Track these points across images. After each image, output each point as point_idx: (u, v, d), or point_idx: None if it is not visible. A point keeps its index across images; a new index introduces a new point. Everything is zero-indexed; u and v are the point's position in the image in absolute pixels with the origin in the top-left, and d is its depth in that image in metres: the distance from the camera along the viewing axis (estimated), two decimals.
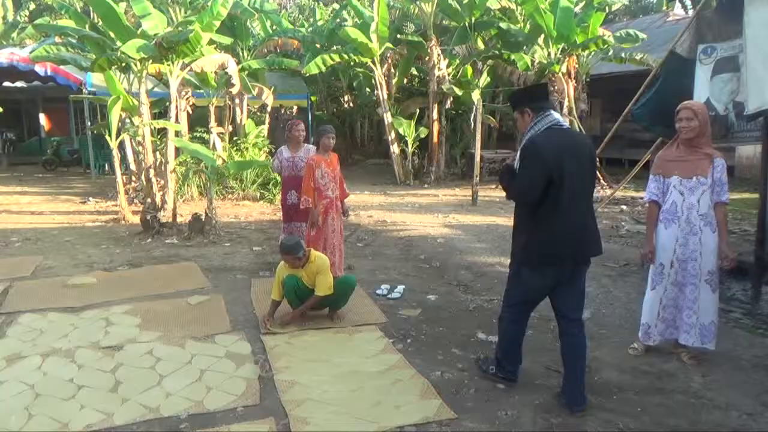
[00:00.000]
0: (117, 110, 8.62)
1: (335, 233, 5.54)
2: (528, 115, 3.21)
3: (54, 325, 4.52)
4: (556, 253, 3.16)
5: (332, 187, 5.51)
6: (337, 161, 5.66)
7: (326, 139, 5.47)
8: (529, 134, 3.17)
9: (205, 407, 3.20)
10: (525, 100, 3.27)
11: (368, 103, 19.49)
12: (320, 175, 5.43)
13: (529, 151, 3.10)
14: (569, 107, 13.52)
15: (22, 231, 8.50)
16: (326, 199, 5.46)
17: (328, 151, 5.53)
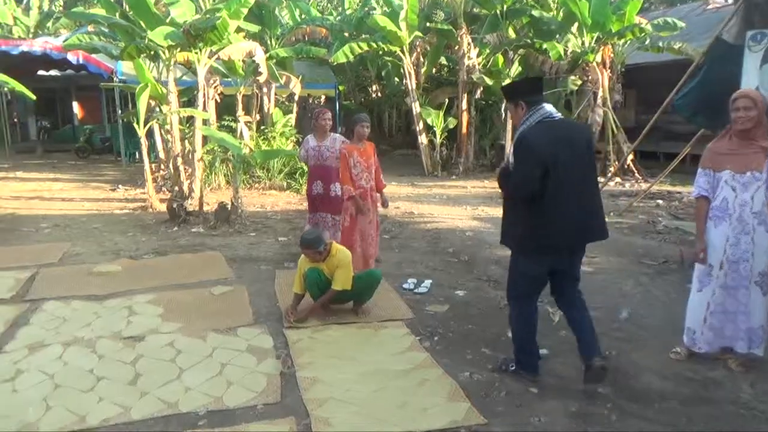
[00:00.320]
0: (145, 98, 8.60)
1: (371, 224, 5.44)
2: (522, 108, 3.22)
3: (77, 313, 4.49)
4: (553, 243, 3.20)
5: (365, 177, 5.39)
6: (373, 151, 5.54)
7: (360, 128, 5.36)
8: (521, 129, 3.18)
9: (224, 403, 3.10)
10: (519, 92, 3.28)
11: (396, 93, 19.25)
12: (353, 164, 5.33)
13: (521, 146, 3.12)
14: (603, 98, 13.10)
15: (53, 217, 8.58)
16: (359, 189, 5.34)
17: (362, 140, 5.42)
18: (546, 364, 3.58)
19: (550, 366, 3.57)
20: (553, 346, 3.84)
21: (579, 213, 3.18)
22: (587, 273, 5.57)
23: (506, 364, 3.51)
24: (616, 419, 2.99)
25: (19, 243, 7.02)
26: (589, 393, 3.25)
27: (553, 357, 3.69)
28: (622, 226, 7.82)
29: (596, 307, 4.63)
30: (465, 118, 14.20)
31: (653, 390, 3.31)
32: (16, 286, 5.18)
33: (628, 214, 8.66)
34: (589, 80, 13.24)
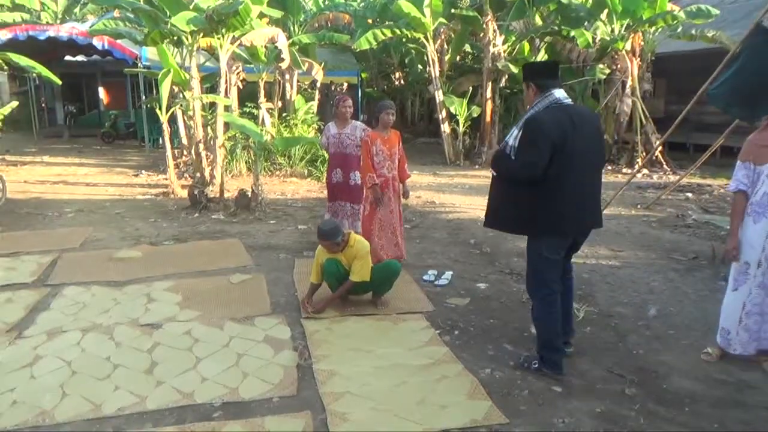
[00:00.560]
0: (168, 83, 8.59)
1: (393, 214, 5.32)
2: (532, 90, 3.24)
3: (96, 299, 4.49)
4: (571, 226, 3.26)
5: (388, 166, 5.27)
6: (398, 139, 5.42)
7: (385, 115, 5.23)
8: (531, 111, 3.19)
9: (239, 395, 3.05)
10: (533, 74, 3.30)
11: (419, 81, 19.04)
12: (375, 152, 5.22)
13: (532, 126, 3.12)
14: (632, 87, 12.76)
15: (76, 202, 8.66)
16: (381, 178, 5.23)
17: (387, 127, 5.29)
18: (570, 362, 3.46)
19: (574, 364, 3.45)
20: (577, 344, 3.71)
21: (589, 197, 3.29)
22: (613, 267, 5.42)
23: (529, 362, 3.41)
24: (644, 422, 2.86)
25: (42, 227, 7.08)
26: (615, 394, 3.12)
27: (578, 355, 3.57)
28: (650, 220, 7.60)
29: (623, 302, 4.50)
30: (489, 107, 13.97)
31: (683, 392, 3.17)
32: (38, 271, 5.22)
33: (656, 206, 8.42)
34: (618, 69, 12.89)
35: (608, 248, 6.10)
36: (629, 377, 3.29)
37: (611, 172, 12.37)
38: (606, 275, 5.18)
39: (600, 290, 4.78)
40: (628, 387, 3.18)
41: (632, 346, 3.73)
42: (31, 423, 2.79)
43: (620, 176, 11.83)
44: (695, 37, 12.88)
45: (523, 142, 3.14)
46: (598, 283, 4.97)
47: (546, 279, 3.29)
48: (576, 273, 5.20)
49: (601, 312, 4.29)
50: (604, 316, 4.22)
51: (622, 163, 13.08)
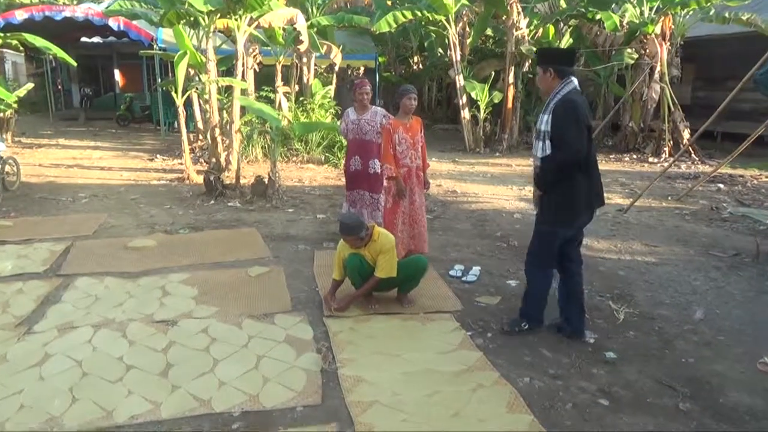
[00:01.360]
0: (184, 66, 8.35)
1: (414, 206, 5.03)
2: (550, 75, 3.36)
3: (109, 291, 4.30)
4: (587, 209, 3.46)
5: (411, 155, 4.98)
6: (421, 126, 5.10)
7: (407, 100, 4.91)
8: (561, 95, 3.30)
9: (260, 403, 2.83)
10: (553, 59, 3.41)
11: (438, 65, 18.63)
12: (397, 141, 4.92)
13: (570, 108, 3.25)
14: (661, 72, 12.29)
15: (91, 186, 8.51)
16: (404, 168, 4.95)
17: (409, 113, 4.98)
18: (615, 371, 3.21)
19: (619, 373, 3.19)
20: (620, 350, 3.46)
21: (598, 179, 3.50)
22: (651, 264, 5.13)
23: (518, 325, 3.65)
24: None
25: (56, 212, 6.93)
26: (668, 408, 2.86)
27: (623, 363, 3.31)
28: (683, 212, 7.26)
29: (665, 303, 4.22)
30: (511, 92, 13.59)
31: (742, 407, 2.90)
32: (50, 259, 5.05)
33: (687, 198, 8.07)
34: (647, 54, 12.44)
35: (642, 243, 5.79)
36: (681, 389, 3.03)
37: (637, 161, 11.99)
38: (643, 273, 4.89)
39: (639, 289, 4.50)
40: (681, 401, 2.92)
41: (680, 353, 3.46)
42: (37, 430, 2.60)
43: (646, 165, 11.46)
44: (728, 20, 12.34)
45: (562, 125, 3.25)
46: (636, 281, 4.68)
47: (551, 255, 3.54)
48: (611, 269, 4.98)
49: (642, 314, 4.02)
50: (646, 318, 3.94)
51: (648, 152, 12.66)
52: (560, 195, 3.38)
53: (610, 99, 14.87)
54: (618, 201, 7.94)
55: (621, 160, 12.12)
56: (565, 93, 3.30)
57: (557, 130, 3.26)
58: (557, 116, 3.26)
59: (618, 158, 12.27)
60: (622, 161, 11.99)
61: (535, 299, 3.67)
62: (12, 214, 6.76)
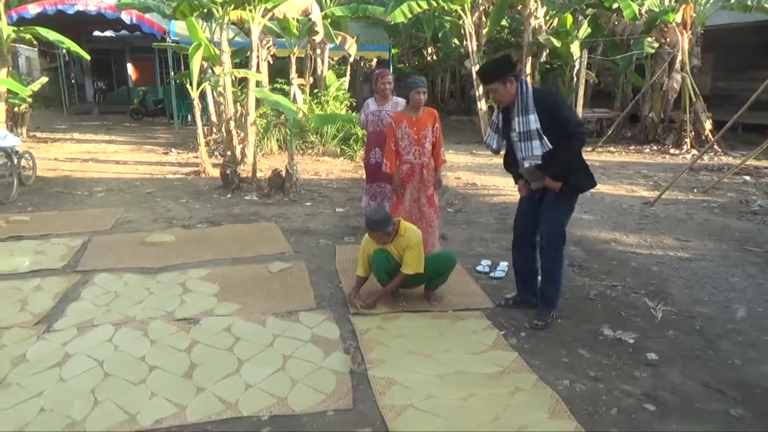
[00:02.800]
0: (198, 58, 8.23)
1: (418, 203, 4.76)
2: (512, 83, 3.41)
3: (129, 288, 4.20)
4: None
5: (415, 151, 4.68)
6: (434, 120, 4.76)
7: (415, 95, 4.60)
8: (528, 93, 3.39)
9: (289, 407, 2.71)
10: (507, 69, 3.47)
11: (452, 56, 18.40)
12: (400, 135, 4.68)
13: (558, 97, 3.60)
14: (682, 62, 11.99)
15: (106, 181, 8.44)
16: (406, 165, 4.70)
17: (417, 108, 4.68)
18: (659, 373, 3.05)
19: (663, 375, 3.04)
20: (662, 350, 3.30)
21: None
22: (684, 259, 4.95)
23: (544, 318, 3.61)
24: None
25: (73, 207, 6.86)
26: (718, 414, 2.70)
27: (666, 364, 3.15)
28: (711, 205, 7.05)
29: (703, 301, 4.05)
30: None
31: None
32: (67, 255, 4.96)
33: (714, 191, 7.84)
34: (667, 42, 12.13)
35: (673, 237, 5.61)
36: (730, 394, 2.87)
37: (657, 152, 11.73)
38: (678, 269, 4.71)
39: (675, 286, 4.32)
40: (732, 406, 2.76)
41: (725, 354, 3.29)
42: None
43: (668, 157, 11.21)
44: (750, 8, 11.99)
45: (559, 111, 3.40)
46: (671, 277, 4.51)
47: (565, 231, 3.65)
48: (643, 265, 4.81)
49: (681, 312, 3.85)
50: (686, 317, 3.77)
51: (669, 143, 12.38)
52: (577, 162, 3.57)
53: (628, 89, 14.59)
54: (643, 193, 7.74)
55: (641, 151, 11.87)
56: (530, 90, 3.41)
57: (558, 117, 3.38)
58: (549, 107, 3.39)
59: (638, 150, 12.01)
60: (643, 153, 11.73)
61: (559, 283, 3.69)
62: (29, 208, 6.70)
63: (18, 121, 12.64)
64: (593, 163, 10.29)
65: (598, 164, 10.24)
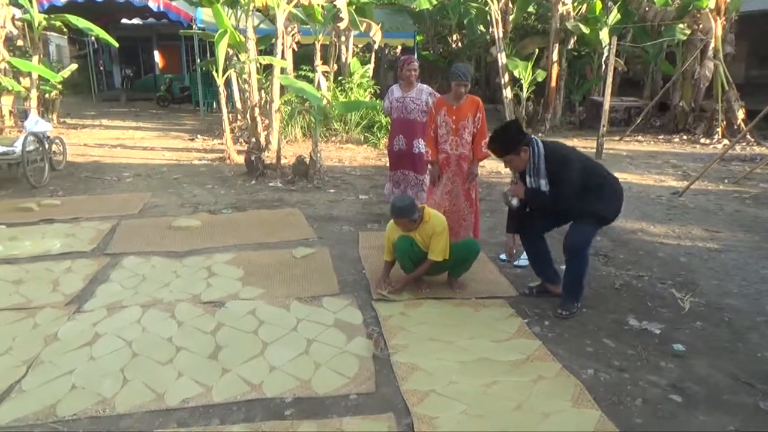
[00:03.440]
0: (224, 45, 8.29)
1: (451, 195, 4.65)
2: (525, 151, 3.43)
3: (156, 271, 4.28)
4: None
5: (452, 141, 4.58)
6: (476, 110, 4.56)
7: (456, 87, 4.45)
8: (541, 156, 3.41)
9: (312, 390, 2.74)
10: (520, 138, 3.43)
11: (477, 43, 18.16)
12: (438, 123, 4.62)
13: (567, 159, 3.45)
14: (715, 49, 11.65)
15: (134, 166, 8.58)
16: (442, 154, 4.61)
17: (459, 99, 4.53)
18: (686, 365, 3.01)
19: (690, 367, 2.99)
20: (689, 342, 3.25)
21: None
22: (713, 250, 4.85)
23: (569, 308, 3.58)
24: None
25: (102, 192, 6.99)
26: (747, 407, 2.65)
27: (693, 356, 3.10)
28: (742, 196, 6.88)
29: (733, 293, 3.97)
30: (555, 71, 13.13)
31: None
32: (97, 238, 5.07)
33: (745, 181, 7.65)
34: (700, 29, 11.80)
35: (702, 228, 5.49)
36: (760, 387, 2.81)
37: (687, 142, 11.47)
38: (706, 260, 4.62)
39: (703, 277, 4.24)
40: (762, 399, 2.71)
41: (754, 347, 3.23)
42: (90, 412, 2.57)
43: (698, 147, 10.95)
44: None
45: (565, 177, 3.41)
46: (700, 268, 4.42)
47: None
48: (671, 255, 4.72)
49: (709, 303, 3.78)
50: (714, 308, 3.70)
51: (699, 133, 12.08)
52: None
53: (658, 77, 14.25)
54: (671, 183, 7.59)
55: (670, 141, 11.62)
56: (542, 152, 3.41)
57: (562, 178, 3.41)
58: (559, 170, 3.40)
59: (667, 139, 11.76)
60: (672, 142, 11.48)
61: (584, 279, 3.65)
62: (59, 192, 6.85)
63: (49, 107, 12.90)
64: (620, 152, 10.20)
65: (626, 153, 10.07)
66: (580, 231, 3.55)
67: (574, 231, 3.59)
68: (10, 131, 10.77)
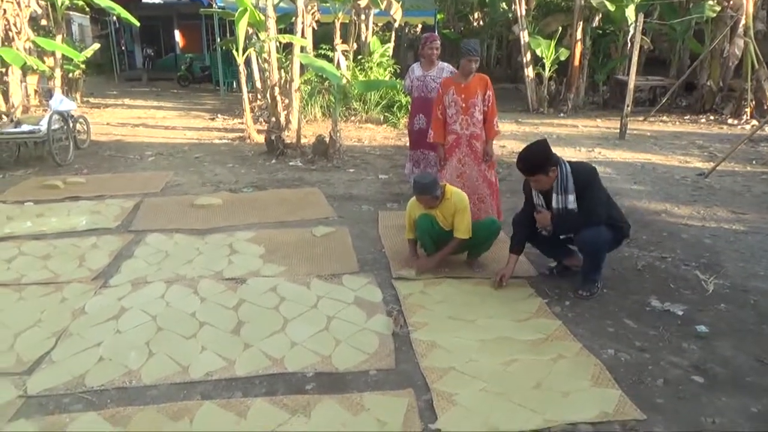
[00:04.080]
0: (244, 24, 8.28)
1: (463, 178, 4.57)
2: (553, 172, 3.39)
3: (179, 248, 4.35)
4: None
5: (462, 121, 4.51)
6: (485, 87, 4.53)
7: (466, 63, 4.40)
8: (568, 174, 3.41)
9: (333, 365, 2.78)
10: (549, 158, 3.38)
11: (499, 22, 17.90)
12: (447, 103, 4.54)
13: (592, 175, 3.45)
14: (745, 26, 11.30)
15: (156, 145, 8.67)
16: (452, 135, 4.55)
17: (468, 75, 4.48)
18: (709, 347, 2.98)
19: (713, 349, 2.96)
20: (713, 323, 3.21)
21: None
22: (739, 232, 4.77)
23: (590, 289, 3.55)
24: None
25: (125, 170, 7.09)
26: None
27: (717, 338, 3.07)
28: None
29: (759, 275, 3.91)
30: (578, 49, 12.89)
31: None
32: (121, 215, 5.16)
33: None
34: (730, 6, 11.45)
35: (728, 210, 5.39)
36: None
37: (714, 122, 11.21)
38: (732, 242, 4.54)
39: (729, 259, 4.17)
40: None
41: None
42: (117, 383, 2.64)
43: (725, 127, 10.69)
44: None
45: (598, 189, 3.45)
46: (725, 250, 4.35)
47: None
48: (695, 237, 4.65)
49: (734, 286, 3.72)
50: (739, 290, 3.65)
51: (727, 113, 11.79)
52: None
53: (685, 56, 13.90)
54: (697, 165, 7.44)
55: (696, 121, 11.36)
56: (569, 170, 3.41)
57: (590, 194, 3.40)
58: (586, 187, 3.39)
59: (693, 120, 11.51)
60: (698, 123, 11.23)
61: (603, 264, 3.60)
62: (84, 170, 6.96)
63: (72, 86, 13.06)
64: (644, 133, 10.01)
65: (650, 134, 9.89)
66: (597, 231, 3.41)
67: (589, 231, 3.41)
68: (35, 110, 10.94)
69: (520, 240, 3.71)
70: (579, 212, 3.41)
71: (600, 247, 3.48)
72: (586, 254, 3.54)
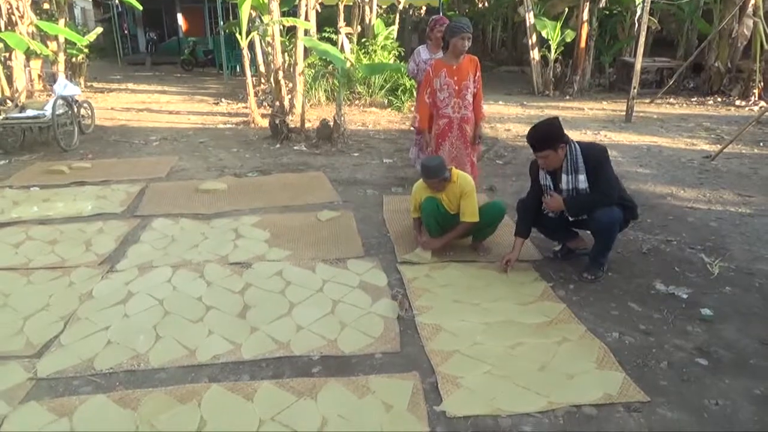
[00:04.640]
0: (247, 7, 8.22)
1: (456, 161, 4.55)
2: (562, 149, 3.37)
3: (185, 233, 4.37)
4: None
5: (454, 104, 4.48)
6: (475, 69, 4.53)
7: (459, 41, 4.33)
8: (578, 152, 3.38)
9: (339, 348, 2.80)
10: (561, 134, 3.38)
11: (504, 3, 17.69)
12: (438, 86, 4.48)
13: (602, 153, 3.42)
14: (755, 6, 11.14)
15: (161, 130, 8.66)
16: (444, 119, 4.53)
17: (459, 56, 4.42)
18: (713, 330, 2.99)
19: (718, 332, 2.97)
20: (718, 306, 3.21)
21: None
22: (745, 215, 4.75)
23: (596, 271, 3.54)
24: None
25: (130, 155, 7.09)
26: None
27: (721, 320, 3.07)
28: None
29: (765, 258, 3.90)
30: (585, 31, 12.72)
31: None
32: (127, 200, 5.17)
33: None
34: None
35: (735, 192, 5.36)
36: None
37: (722, 104, 11.09)
38: (738, 225, 4.53)
39: (734, 242, 4.16)
40: None
41: None
42: (125, 366, 2.67)
43: (733, 109, 10.59)
44: None
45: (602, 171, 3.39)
46: (731, 233, 4.34)
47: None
48: (701, 220, 4.64)
49: (740, 268, 3.72)
50: (744, 273, 3.65)
51: (735, 95, 11.66)
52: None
53: (693, 36, 13.75)
54: (703, 147, 7.39)
55: (704, 103, 11.25)
56: (579, 149, 3.38)
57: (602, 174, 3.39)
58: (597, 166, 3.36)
59: (701, 101, 11.40)
60: (705, 104, 11.13)
61: (611, 246, 3.60)
62: (89, 155, 6.97)
63: (76, 71, 13.03)
64: (650, 115, 9.93)
65: (657, 116, 9.81)
66: (611, 211, 3.40)
67: (603, 212, 3.40)
68: (39, 95, 10.94)
69: (526, 224, 3.70)
70: (591, 192, 3.39)
71: (614, 227, 3.47)
72: (599, 235, 3.51)
